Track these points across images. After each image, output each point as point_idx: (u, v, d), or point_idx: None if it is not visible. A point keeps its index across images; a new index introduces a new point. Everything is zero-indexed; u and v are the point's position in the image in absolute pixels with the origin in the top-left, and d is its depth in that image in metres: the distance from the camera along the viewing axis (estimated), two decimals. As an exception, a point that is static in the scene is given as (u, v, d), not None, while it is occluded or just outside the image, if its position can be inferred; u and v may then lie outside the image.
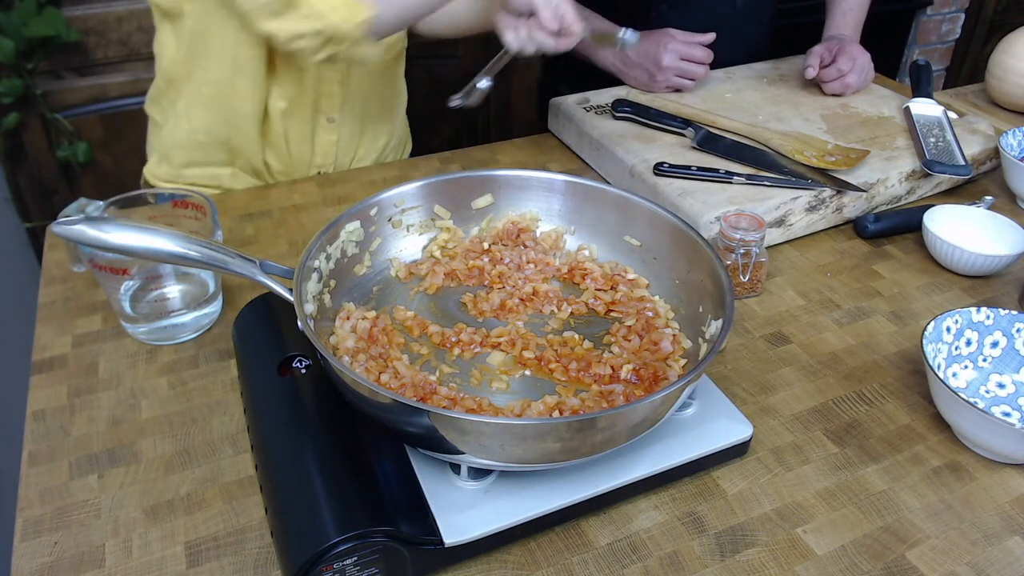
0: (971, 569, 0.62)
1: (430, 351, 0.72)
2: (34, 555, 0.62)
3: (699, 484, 0.69)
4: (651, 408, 0.59)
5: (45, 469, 0.69)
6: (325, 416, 0.66)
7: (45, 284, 0.91)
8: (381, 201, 0.79)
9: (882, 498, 0.68)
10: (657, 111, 1.13)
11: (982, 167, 1.12)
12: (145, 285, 0.82)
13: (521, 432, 0.56)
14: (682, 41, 1.19)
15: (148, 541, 0.63)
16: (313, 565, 0.54)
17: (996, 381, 0.78)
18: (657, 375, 0.69)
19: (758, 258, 0.88)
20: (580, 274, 0.81)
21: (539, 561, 0.62)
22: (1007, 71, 1.30)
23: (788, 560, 0.63)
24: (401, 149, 1.26)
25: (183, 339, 0.82)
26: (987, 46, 2.88)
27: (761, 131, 1.10)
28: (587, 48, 1.27)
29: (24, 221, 1.80)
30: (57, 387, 0.77)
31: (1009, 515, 0.67)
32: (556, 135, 1.24)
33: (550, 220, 0.85)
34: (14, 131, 1.68)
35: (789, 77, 1.30)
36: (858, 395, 0.78)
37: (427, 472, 0.63)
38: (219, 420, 0.73)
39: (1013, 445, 0.68)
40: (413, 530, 0.58)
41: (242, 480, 0.68)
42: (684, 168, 1.00)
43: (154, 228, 0.65)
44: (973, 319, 0.77)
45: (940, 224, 0.97)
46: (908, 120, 1.15)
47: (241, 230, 1.00)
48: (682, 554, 0.63)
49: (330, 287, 0.73)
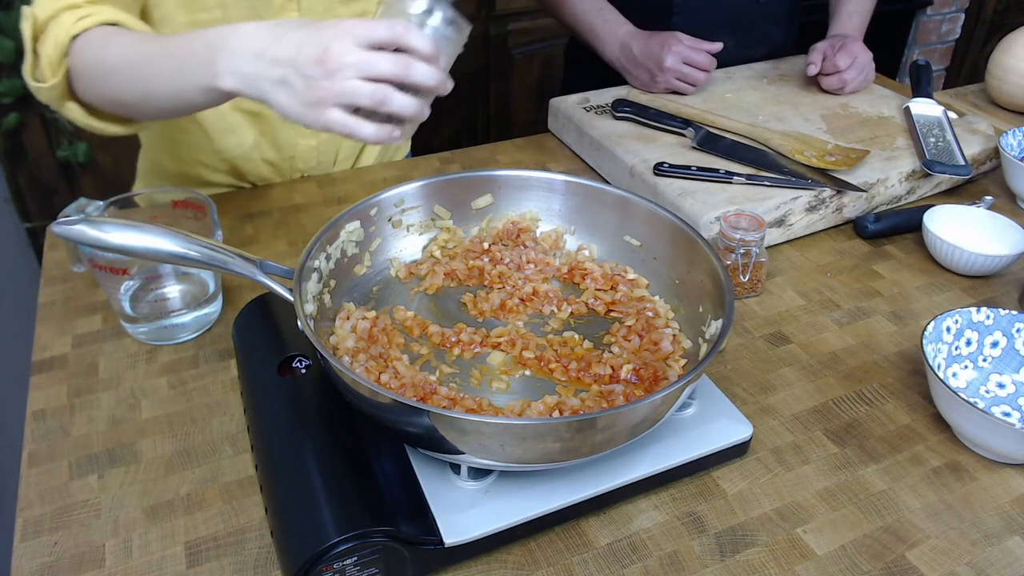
0: (971, 569, 0.62)
1: (430, 351, 0.72)
2: (34, 555, 0.62)
3: (699, 484, 0.69)
4: (651, 408, 0.59)
5: (45, 469, 0.69)
6: (325, 416, 0.66)
7: (45, 284, 0.91)
8: (381, 201, 0.79)
9: (882, 498, 0.68)
10: (657, 111, 1.13)
11: (982, 167, 1.12)
12: (145, 285, 0.82)
13: (521, 432, 0.56)
14: (688, 45, 1.19)
15: (148, 541, 0.63)
16: (313, 565, 0.54)
17: (996, 381, 0.78)
18: (657, 375, 0.69)
19: (758, 258, 0.88)
20: (580, 274, 0.81)
21: (539, 561, 0.62)
22: (1007, 71, 1.30)
23: (788, 560, 0.63)
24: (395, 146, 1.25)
25: (183, 339, 0.82)
26: (987, 46, 2.89)
27: (761, 131, 1.10)
28: (592, 41, 1.28)
29: (24, 221, 1.80)
30: (57, 387, 0.77)
31: (1009, 515, 0.67)
32: (556, 135, 1.24)
33: (550, 220, 0.85)
34: (14, 131, 1.68)
35: (789, 77, 1.30)
36: (858, 395, 0.78)
37: (427, 472, 0.63)
38: (219, 420, 0.73)
39: (1013, 445, 0.68)
40: (413, 530, 0.58)
41: (242, 480, 0.68)
42: (684, 168, 1.00)
43: (154, 228, 0.65)
44: (973, 319, 0.77)
45: (940, 224, 0.97)
46: (908, 120, 1.15)
47: (241, 230, 1.00)
48: (682, 554, 0.63)
49: (330, 287, 0.73)
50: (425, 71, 0.63)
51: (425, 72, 0.63)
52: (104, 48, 0.75)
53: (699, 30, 1.23)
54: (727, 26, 1.28)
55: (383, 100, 0.62)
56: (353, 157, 1.16)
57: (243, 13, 0.94)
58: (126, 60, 0.74)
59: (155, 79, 0.72)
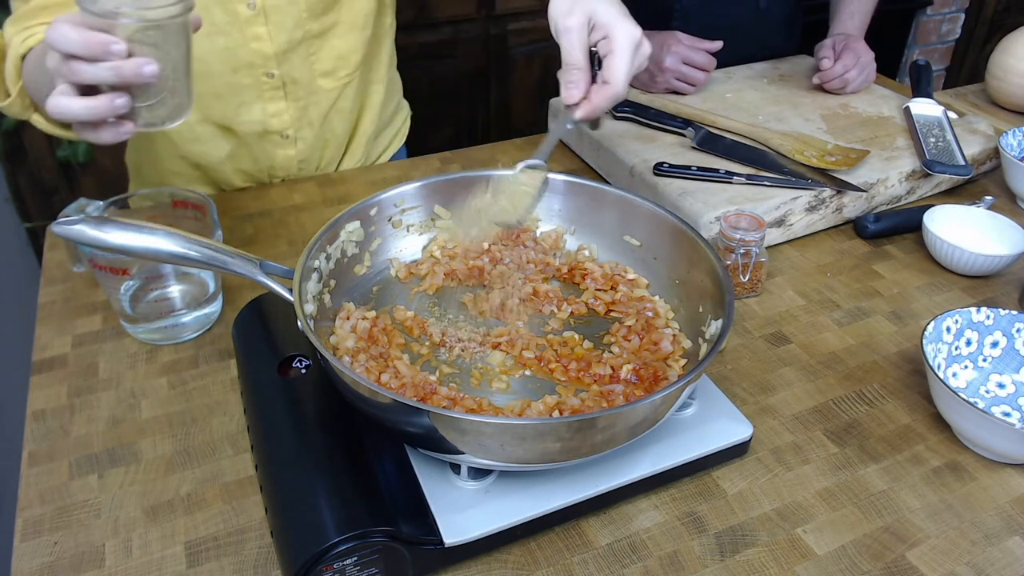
0: (971, 569, 0.62)
1: (430, 351, 0.72)
2: (34, 555, 0.62)
3: (699, 484, 0.69)
4: (651, 408, 0.59)
5: (45, 469, 0.69)
6: (325, 416, 0.66)
7: (45, 284, 0.91)
8: (381, 201, 0.79)
9: (882, 498, 0.68)
10: (657, 111, 1.13)
11: (982, 167, 1.12)
12: (145, 285, 0.82)
13: (521, 432, 0.56)
14: (687, 45, 1.19)
15: (148, 541, 0.63)
16: (313, 565, 0.54)
17: (996, 381, 0.78)
18: (657, 375, 0.69)
19: (758, 258, 0.88)
20: (580, 274, 0.81)
21: (539, 561, 0.62)
22: (1007, 71, 1.30)
23: (788, 560, 0.63)
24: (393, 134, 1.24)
25: (183, 339, 0.82)
26: (987, 46, 2.89)
27: (761, 131, 1.10)
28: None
29: (24, 221, 1.80)
30: (57, 387, 0.77)
31: (1009, 515, 0.67)
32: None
33: (550, 220, 0.85)
34: (14, 131, 1.68)
35: (789, 77, 1.30)
36: (858, 395, 0.78)
37: (427, 472, 0.63)
38: (219, 420, 0.73)
39: (1013, 445, 0.68)
40: (413, 530, 0.58)
41: (242, 480, 0.68)
42: (684, 168, 1.00)
43: (154, 228, 0.65)
44: (973, 319, 0.77)
45: (940, 224, 0.97)
46: (908, 120, 1.15)
47: (241, 230, 1.00)
48: (682, 554, 0.63)
49: (330, 287, 0.73)
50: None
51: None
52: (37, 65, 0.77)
53: (699, 33, 1.23)
54: (728, 33, 1.27)
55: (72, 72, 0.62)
56: (335, 162, 1.16)
57: (205, 29, 0.89)
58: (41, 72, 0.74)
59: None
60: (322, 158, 1.13)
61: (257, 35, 0.96)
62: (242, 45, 0.96)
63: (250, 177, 1.10)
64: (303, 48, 1.00)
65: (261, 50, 0.97)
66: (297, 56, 1.00)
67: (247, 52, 0.97)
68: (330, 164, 1.15)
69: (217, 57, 0.96)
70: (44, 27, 0.80)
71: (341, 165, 1.16)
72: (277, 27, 0.96)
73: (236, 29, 0.95)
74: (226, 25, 0.94)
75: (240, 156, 1.07)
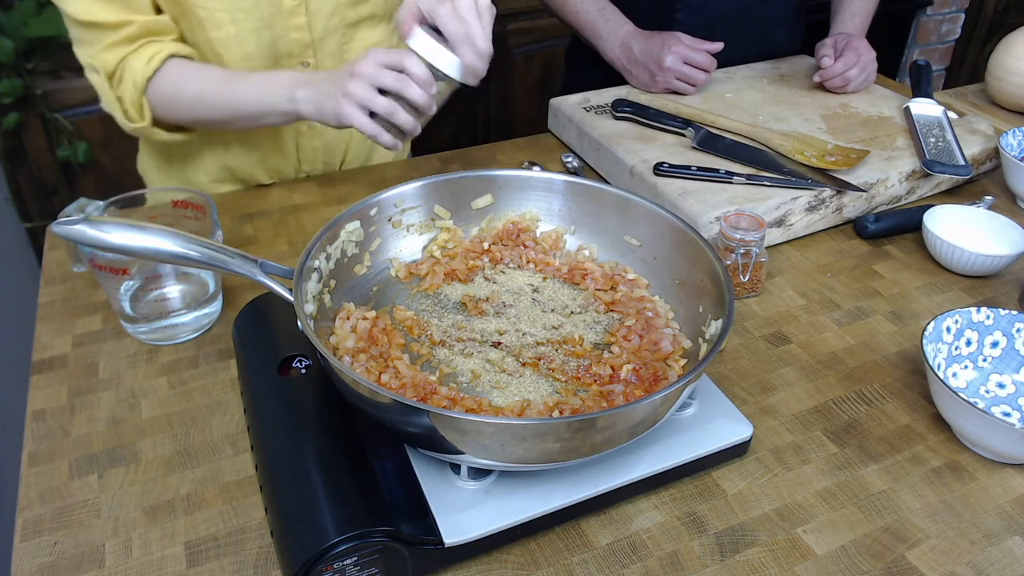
0: (971, 569, 0.62)
1: (430, 351, 0.72)
2: (34, 555, 0.62)
3: (699, 484, 0.69)
4: (651, 408, 0.59)
5: (45, 469, 0.69)
6: (325, 416, 0.66)
7: (45, 284, 0.91)
8: (381, 201, 0.79)
9: (882, 498, 0.68)
10: (657, 111, 1.13)
11: (982, 167, 1.12)
12: (145, 285, 0.82)
13: (521, 432, 0.56)
14: (688, 45, 1.19)
15: (148, 541, 0.63)
16: (313, 565, 0.54)
17: (996, 381, 0.78)
18: (657, 375, 0.69)
19: (758, 258, 0.88)
20: (580, 274, 0.81)
21: (539, 561, 0.62)
22: (1007, 71, 1.30)
23: (788, 560, 0.63)
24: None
25: (183, 339, 0.82)
26: (987, 46, 2.89)
27: (761, 131, 1.10)
28: (594, 39, 1.28)
29: (24, 221, 1.80)
30: (57, 387, 0.77)
31: (1009, 515, 0.67)
32: (556, 135, 1.24)
33: (550, 220, 0.85)
34: (14, 131, 1.68)
35: (789, 77, 1.30)
36: (858, 395, 0.78)
37: (427, 472, 0.63)
38: (219, 420, 0.73)
39: (1013, 445, 0.68)
40: (413, 530, 0.58)
41: (242, 480, 0.68)
42: (684, 168, 1.00)
43: (154, 228, 0.65)
44: (973, 319, 0.77)
45: (940, 224, 0.97)
46: (908, 120, 1.15)
47: (241, 230, 1.00)
48: (682, 554, 0.63)
49: (330, 287, 0.73)
50: (417, 91, 0.80)
51: (417, 92, 0.80)
52: (184, 83, 0.91)
53: (702, 27, 1.23)
54: (730, 24, 1.27)
55: (392, 111, 0.81)
56: (359, 162, 1.17)
57: (253, 25, 0.95)
58: (211, 90, 0.91)
59: (241, 107, 0.91)
60: (347, 150, 1.14)
61: (298, 25, 0.98)
62: (283, 36, 0.98)
63: (276, 173, 1.11)
64: (338, 36, 1.03)
65: (300, 39, 1.00)
66: (331, 45, 1.03)
67: (287, 42, 0.99)
68: (354, 160, 1.16)
69: (264, 51, 0.98)
70: (161, 45, 0.91)
71: (344, 164, 1.17)
72: (315, 15, 0.99)
73: (279, 20, 0.97)
74: (272, 18, 0.96)
75: (269, 155, 1.08)
